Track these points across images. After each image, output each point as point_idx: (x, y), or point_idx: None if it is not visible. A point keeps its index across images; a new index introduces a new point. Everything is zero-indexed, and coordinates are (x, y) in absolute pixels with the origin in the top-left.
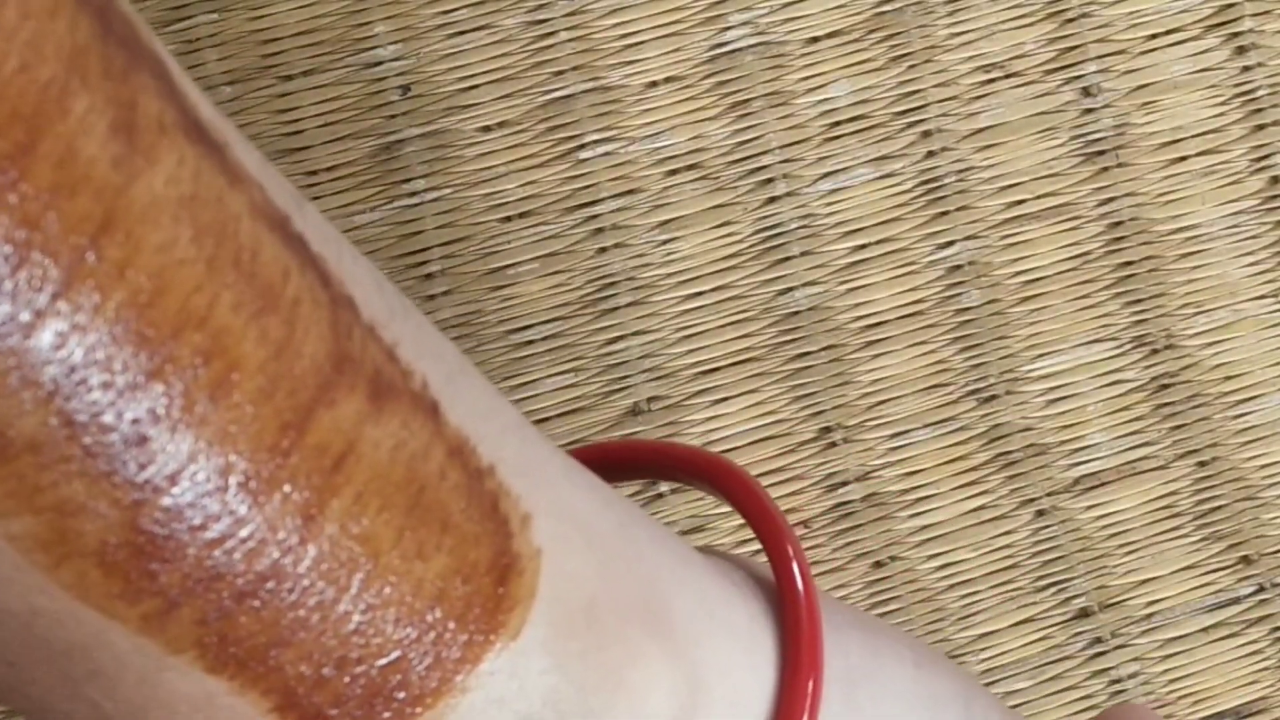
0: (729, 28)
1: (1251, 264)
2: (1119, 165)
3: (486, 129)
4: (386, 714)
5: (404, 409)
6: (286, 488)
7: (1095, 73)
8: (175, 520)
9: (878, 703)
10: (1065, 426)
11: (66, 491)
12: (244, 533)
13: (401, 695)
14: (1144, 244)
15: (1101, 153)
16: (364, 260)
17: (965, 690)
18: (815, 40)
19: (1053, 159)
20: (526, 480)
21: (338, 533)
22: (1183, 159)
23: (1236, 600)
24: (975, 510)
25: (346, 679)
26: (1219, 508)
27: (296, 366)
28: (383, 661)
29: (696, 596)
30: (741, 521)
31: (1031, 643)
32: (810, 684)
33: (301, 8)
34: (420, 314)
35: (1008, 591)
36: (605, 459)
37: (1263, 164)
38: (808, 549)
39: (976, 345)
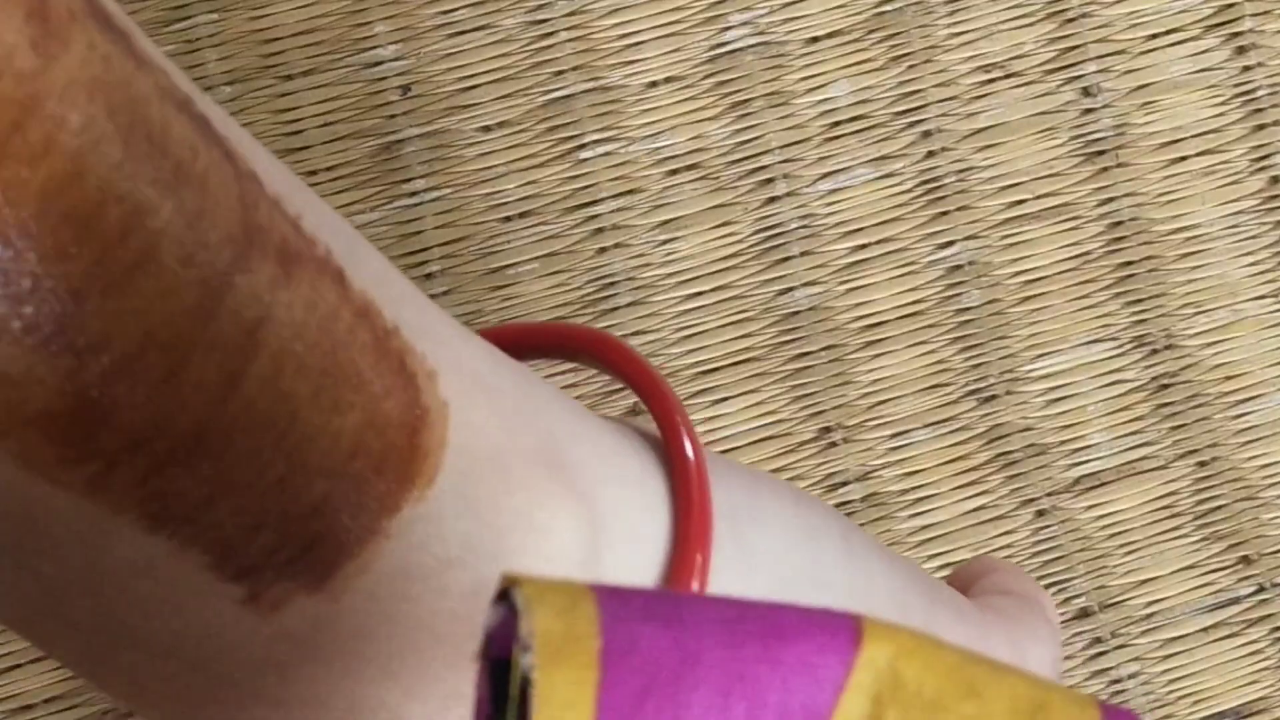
0: (729, 28)
1: (1251, 264)
2: (1119, 165)
3: (486, 129)
4: (316, 563)
5: (311, 274)
6: (210, 350)
7: (1095, 73)
8: (109, 384)
9: (762, 535)
10: (1065, 426)
11: (6, 363)
12: (174, 392)
13: (329, 544)
14: (1144, 244)
15: (1101, 153)
16: (259, 143)
17: (843, 526)
18: (815, 40)
19: (1053, 159)
20: (428, 340)
21: (258, 392)
22: (1183, 159)
23: (1236, 600)
24: (975, 510)
25: (277, 531)
26: (1219, 508)
27: (212, 236)
28: (310, 512)
29: (592, 447)
30: None
31: None
32: (702, 521)
33: (301, 8)
34: (315, 194)
35: None
36: (497, 342)
37: (1263, 164)
38: None
39: (976, 345)
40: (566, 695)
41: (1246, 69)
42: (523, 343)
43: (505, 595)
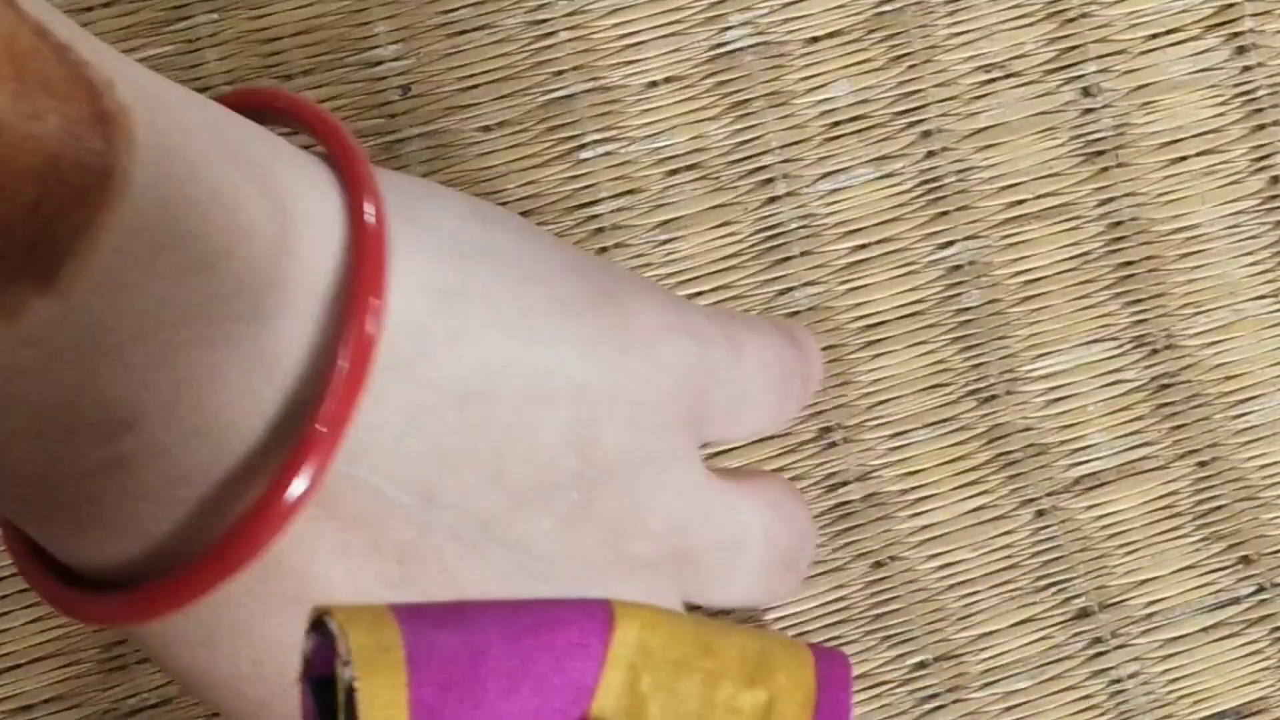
0: (729, 28)
1: (1252, 264)
2: (1119, 165)
3: (487, 129)
4: (41, 264)
5: None
6: None
7: (1095, 73)
8: None
9: (433, 212)
10: (1065, 426)
11: None
12: None
13: (50, 244)
14: (1144, 244)
15: (1101, 153)
16: None
17: (514, 215)
18: (815, 40)
19: (1053, 159)
20: (100, 56)
21: None
22: (1183, 159)
23: (1236, 600)
24: (975, 510)
25: (4, 241)
26: (1219, 508)
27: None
28: (26, 216)
29: (265, 143)
30: None
31: (1031, 643)
32: (373, 200)
33: (301, 8)
34: None
35: (1008, 591)
36: None
37: (1263, 164)
38: None
39: (976, 345)
40: (385, 697)
41: (1247, 69)
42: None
43: (318, 624)
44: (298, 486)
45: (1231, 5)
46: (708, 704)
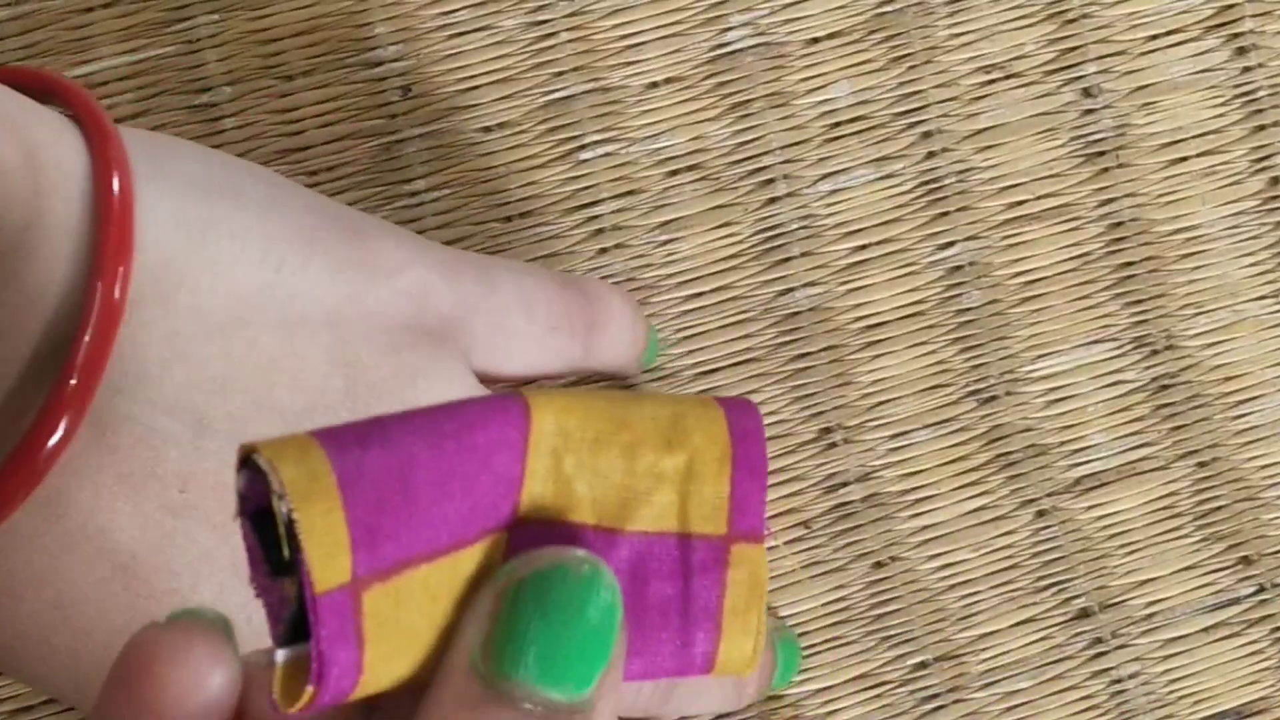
0: (729, 28)
1: (1252, 264)
2: (1119, 166)
3: (487, 129)
4: None
5: None
6: None
7: (1096, 73)
8: None
9: (178, 158)
10: (1065, 427)
11: None
12: None
13: None
14: (1144, 244)
15: (1102, 153)
16: None
17: (261, 168)
18: (816, 41)
19: (1053, 159)
20: None
21: None
22: (1183, 159)
23: (1237, 600)
24: (976, 510)
25: None
26: (1219, 508)
27: None
28: None
29: (15, 101)
30: None
31: (1032, 643)
32: (115, 145)
33: (302, 8)
34: None
35: (1008, 592)
36: None
37: (1263, 164)
38: (808, 549)
39: (977, 346)
40: (323, 523)
41: (1247, 70)
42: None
43: (247, 461)
44: (54, 437)
45: (1232, 6)
46: (630, 474)
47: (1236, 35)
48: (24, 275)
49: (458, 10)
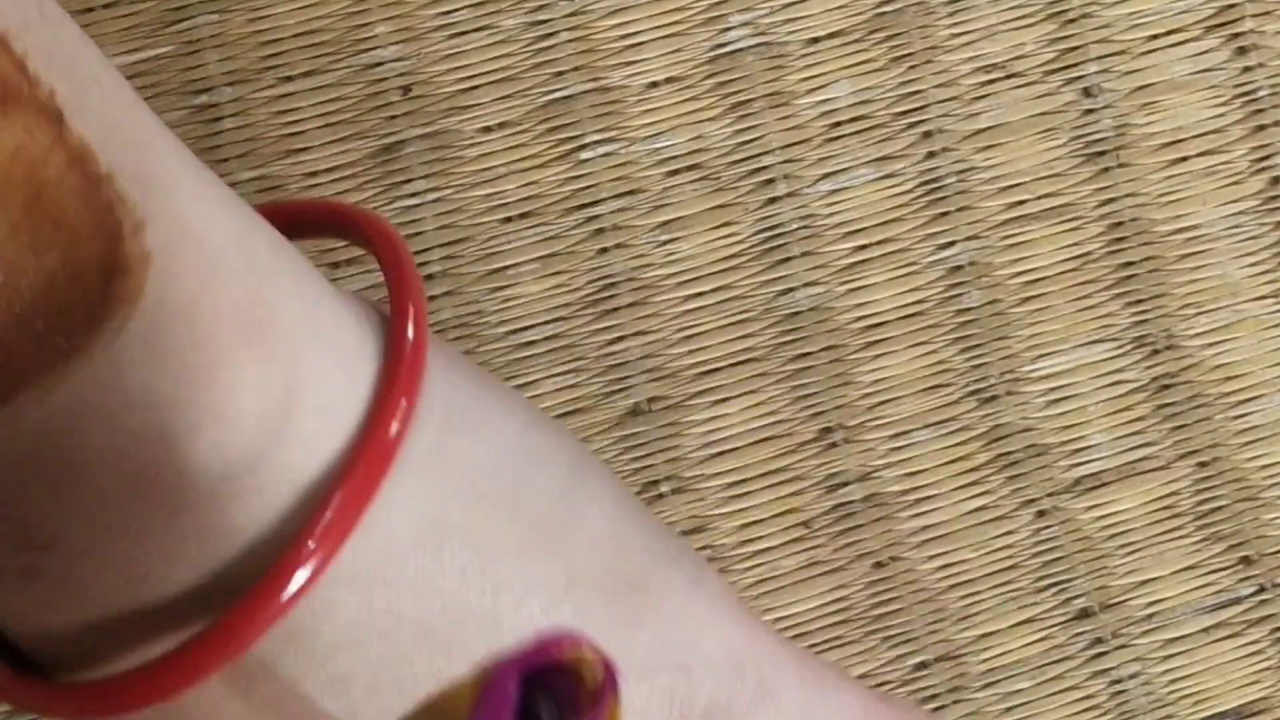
0: (729, 28)
1: (1252, 264)
2: (1120, 166)
3: (487, 130)
4: (7, 384)
5: (28, 115)
6: None
7: (1096, 73)
8: None
9: (474, 445)
10: (1066, 427)
11: None
12: None
13: (6, 372)
14: (1145, 244)
15: (1102, 153)
16: None
17: (575, 458)
18: (816, 41)
19: (1053, 159)
20: (144, 190)
21: None
22: (1183, 159)
23: (1237, 601)
24: (976, 511)
25: None
26: (1220, 508)
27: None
28: None
29: (306, 311)
30: (743, 521)
31: (1032, 643)
32: (403, 402)
33: (302, 8)
34: (67, 22)
35: (1008, 592)
36: (269, 217)
37: (1263, 164)
38: (808, 549)
39: (977, 346)
40: None
41: (1247, 69)
42: (282, 218)
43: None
44: (207, 661)
45: (1232, 6)
46: None
47: (1237, 35)
48: (209, 514)
49: (458, 10)
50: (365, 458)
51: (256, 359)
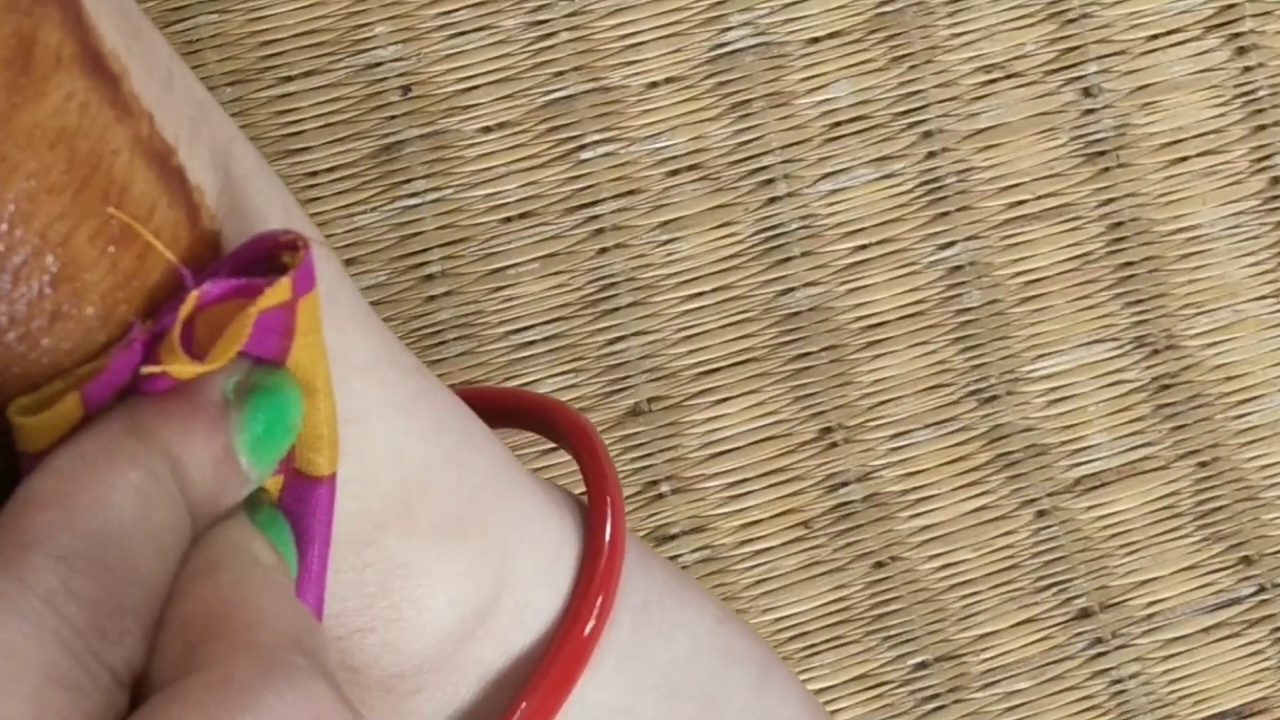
0: (730, 28)
1: (1252, 264)
2: (1120, 166)
3: (487, 130)
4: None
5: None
6: None
7: (1096, 73)
8: None
9: (669, 641)
10: (1066, 427)
11: None
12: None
13: None
14: (1145, 244)
15: (1102, 153)
16: (270, 177)
17: (764, 657)
18: (816, 41)
19: (1054, 159)
20: (358, 427)
21: None
22: (1183, 159)
23: (1237, 601)
24: (976, 510)
25: None
26: (1220, 508)
27: (138, 295)
28: None
29: (514, 515)
30: (743, 521)
31: (1032, 643)
32: (599, 600)
33: (302, 8)
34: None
35: (1008, 592)
36: (474, 404)
37: (1263, 164)
38: (808, 549)
39: (977, 345)
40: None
41: (1247, 69)
42: (490, 407)
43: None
44: None
45: (1232, 6)
46: None
47: (1236, 35)
48: (388, 702)
49: (458, 10)
50: (563, 653)
51: (465, 559)
